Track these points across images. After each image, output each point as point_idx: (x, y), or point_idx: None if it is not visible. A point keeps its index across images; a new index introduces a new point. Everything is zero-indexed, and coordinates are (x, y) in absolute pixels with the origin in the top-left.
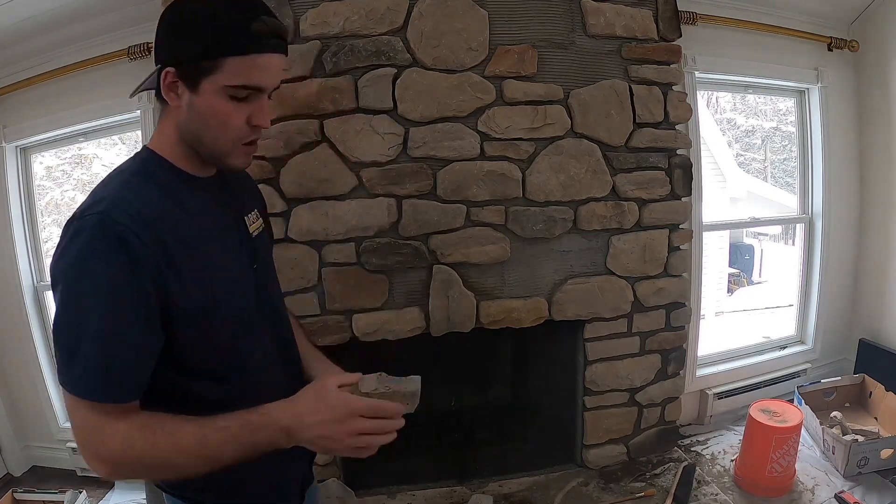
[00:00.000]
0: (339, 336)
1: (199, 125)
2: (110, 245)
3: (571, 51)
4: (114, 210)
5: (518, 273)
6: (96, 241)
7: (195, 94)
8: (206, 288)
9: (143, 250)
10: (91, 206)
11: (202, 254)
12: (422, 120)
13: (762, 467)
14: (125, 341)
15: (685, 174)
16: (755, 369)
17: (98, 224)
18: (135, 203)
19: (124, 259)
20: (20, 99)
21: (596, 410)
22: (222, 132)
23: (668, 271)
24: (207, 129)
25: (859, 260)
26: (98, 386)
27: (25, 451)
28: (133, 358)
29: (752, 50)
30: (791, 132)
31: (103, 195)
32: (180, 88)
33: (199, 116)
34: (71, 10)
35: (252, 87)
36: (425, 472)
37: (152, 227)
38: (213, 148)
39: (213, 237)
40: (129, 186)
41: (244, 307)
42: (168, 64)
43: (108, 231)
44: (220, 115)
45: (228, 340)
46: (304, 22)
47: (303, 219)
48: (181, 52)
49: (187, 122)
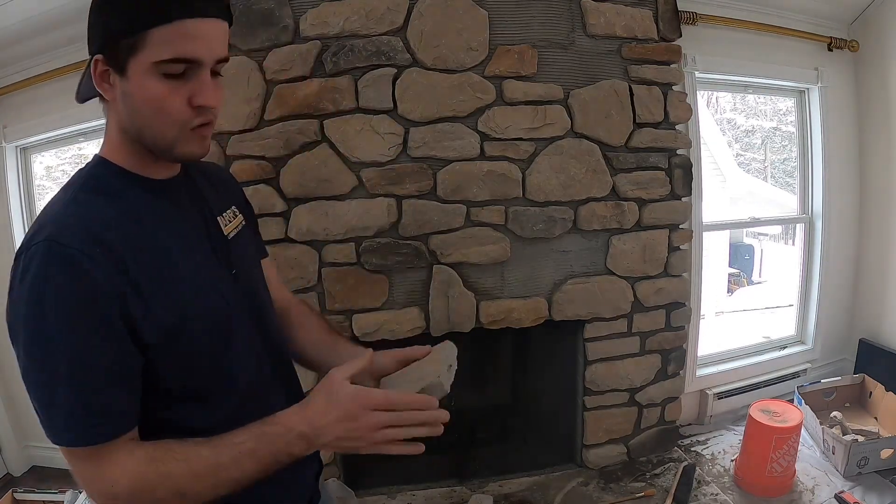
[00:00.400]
0: None
1: (136, 114)
2: (62, 272)
3: (571, 51)
4: (61, 234)
5: (518, 273)
6: (47, 273)
7: (125, 78)
8: (174, 306)
9: (98, 272)
10: (36, 235)
11: (167, 268)
12: (422, 120)
13: (762, 467)
14: (101, 374)
15: (685, 174)
16: (755, 369)
17: (46, 253)
18: (84, 221)
19: (80, 284)
20: (20, 99)
21: (596, 410)
22: (161, 118)
23: (668, 271)
24: (144, 117)
25: (859, 260)
26: (85, 430)
27: (25, 451)
28: (114, 387)
29: (752, 50)
30: (791, 132)
31: (47, 220)
32: (111, 76)
33: (134, 104)
34: (71, 11)
35: (185, 60)
36: (425, 472)
37: (106, 245)
38: (156, 138)
39: (179, 247)
40: (76, 204)
41: (221, 320)
42: (93, 53)
43: (58, 258)
44: (153, 98)
45: (207, 359)
46: (304, 22)
47: (303, 219)
48: (104, 34)
49: (125, 113)
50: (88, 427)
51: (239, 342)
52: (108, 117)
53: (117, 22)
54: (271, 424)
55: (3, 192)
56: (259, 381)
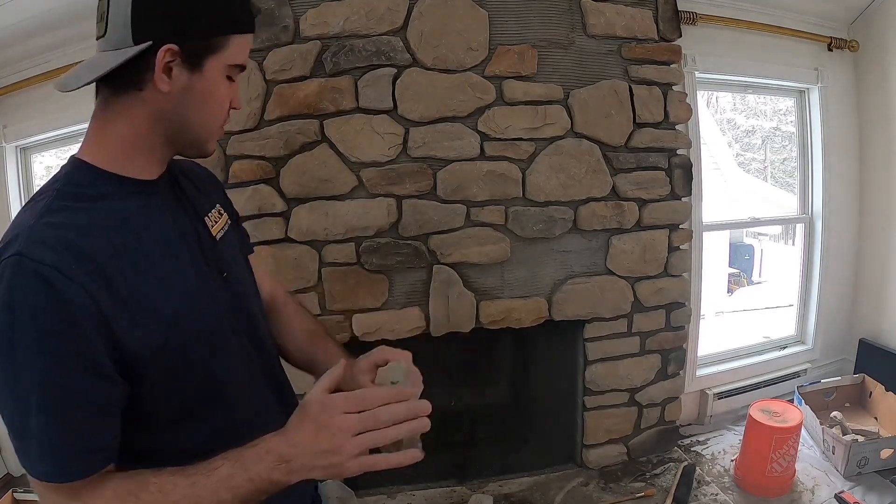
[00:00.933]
0: (339, 336)
1: (195, 109)
2: (33, 292)
3: (571, 51)
4: (31, 248)
5: (518, 273)
6: (16, 292)
7: (198, 74)
8: (162, 315)
9: (74, 290)
10: (6, 248)
11: (153, 276)
12: (422, 120)
13: (762, 467)
14: (78, 404)
15: (685, 174)
16: (755, 369)
17: (16, 269)
18: (58, 231)
19: (53, 305)
20: (20, 99)
21: (596, 410)
22: (216, 114)
23: (668, 271)
24: (202, 113)
25: (859, 260)
26: (59, 465)
27: None
28: (92, 420)
29: (752, 50)
30: (791, 132)
31: (16, 232)
32: (175, 70)
33: (199, 99)
34: (71, 11)
35: (242, 66)
36: (425, 472)
37: (83, 258)
38: (199, 133)
39: (166, 252)
40: (50, 213)
41: (212, 326)
42: (165, 41)
43: (29, 275)
44: (218, 96)
45: (199, 368)
46: (304, 22)
47: (303, 219)
48: (188, 28)
49: (178, 107)
50: (64, 462)
51: (230, 347)
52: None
53: (211, 22)
54: (250, 448)
55: (3, 192)
56: (252, 386)
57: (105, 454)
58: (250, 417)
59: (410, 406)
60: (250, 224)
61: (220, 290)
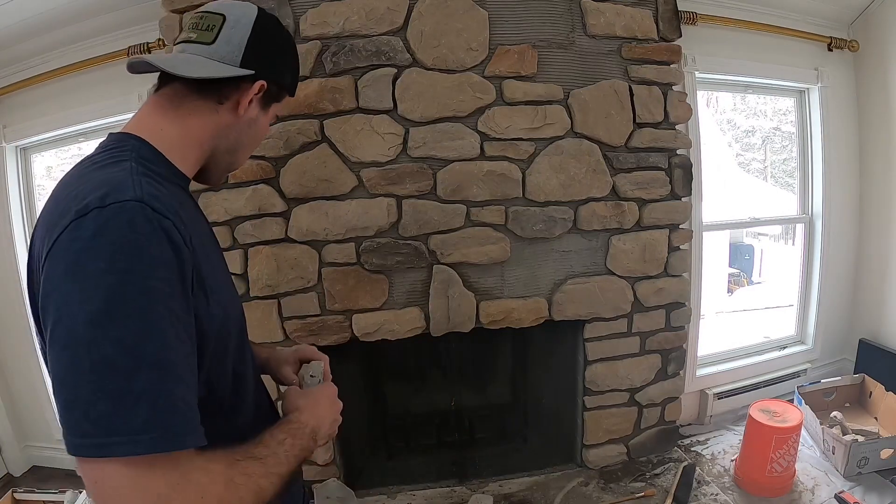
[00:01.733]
0: (339, 336)
1: (249, 140)
2: (159, 240)
3: (571, 51)
4: (151, 200)
5: (518, 273)
6: (139, 235)
7: (263, 113)
8: (221, 300)
9: (187, 254)
10: (111, 194)
11: (212, 265)
12: (422, 120)
13: (762, 467)
14: (187, 366)
15: (685, 174)
16: (755, 369)
17: (139, 213)
18: (164, 194)
19: (174, 259)
20: (20, 99)
21: (596, 410)
22: (254, 148)
23: (668, 271)
24: (251, 143)
25: (859, 260)
26: (178, 428)
27: (25, 451)
28: (195, 385)
29: (752, 50)
30: (791, 132)
31: (118, 183)
32: (254, 104)
33: (254, 131)
34: (71, 11)
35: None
36: (425, 472)
37: (185, 224)
38: (240, 158)
39: (211, 246)
40: (142, 175)
41: (241, 327)
42: (262, 77)
43: (153, 223)
44: (262, 136)
45: (231, 363)
46: (304, 22)
47: (303, 219)
48: (279, 76)
49: (240, 133)
50: (178, 425)
51: (245, 343)
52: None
53: (290, 76)
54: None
55: (3, 192)
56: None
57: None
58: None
59: None
60: (250, 224)
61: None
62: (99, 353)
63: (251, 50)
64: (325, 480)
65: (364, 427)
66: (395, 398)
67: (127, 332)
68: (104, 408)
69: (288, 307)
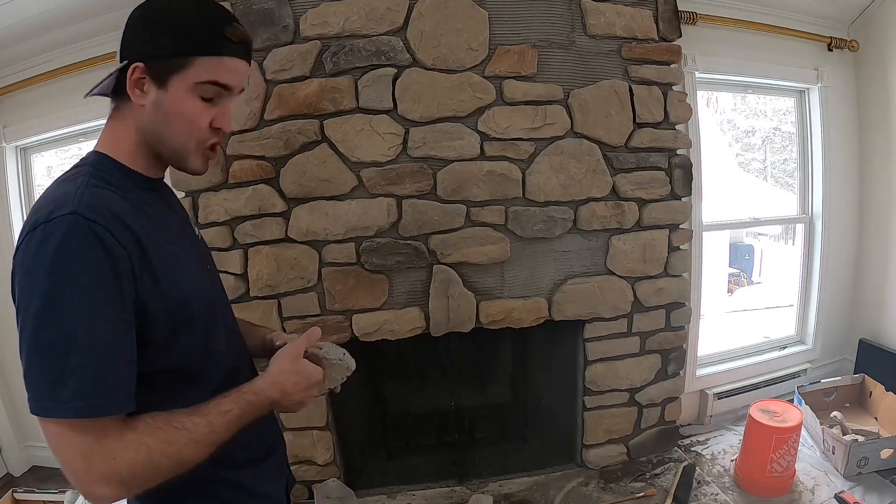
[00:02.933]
0: (339, 336)
1: (164, 123)
2: (89, 244)
3: (571, 51)
4: (85, 210)
5: (518, 273)
6: (73, 243)
7: (163, 90)
8: (178, 288)
9: (119, 250)
10: (55, 210)
11: (169, 256)
12: (422, 120)
13: (762, 467)
14: (115, 347)
15: (685, 174)
16: (755, 369)
17: (73, 224)
18: (104, 203)
19: (104, 258)
20: (20, 99)
21: (596, 410)
22: (186, 131)
23: (668, 271)
24: (171, 127)
25: (859, 260)
26: (98, 399)
27: (25, 451)
28: (124, 363)
29: (752, 50)
30: (791, 132)
31: (64, 199)
32: (147, 85)
33: (165, 114)
34: (71, 11)
35: (221, 85)
36: (425, 472)
37: (125, 227)
38: (175, 147)
39: (175, 240)
40: (92, 187)
41: (208, 306)
42: (136, 59)
43: (84, 231)
44: (186, 113)
45: (201, 340)
46: (304, 22)
47: (303, 219)
48: (152, 49)
49: (151, 120)
50: (105, 395)
51: (219, 327)
52: (119, 117)
53: (169, 41)
54: (251, 393)
55: (3, 192)
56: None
57: (131, 398)
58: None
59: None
60: (250, 224)
61: (208, 279)
62: (43, 337)
63: (124, 41)
64: (325, 480)
65: (364, 427)
66: (395, 398)
67: (63, 321)
68: (46, 380)
69: (288, 307)
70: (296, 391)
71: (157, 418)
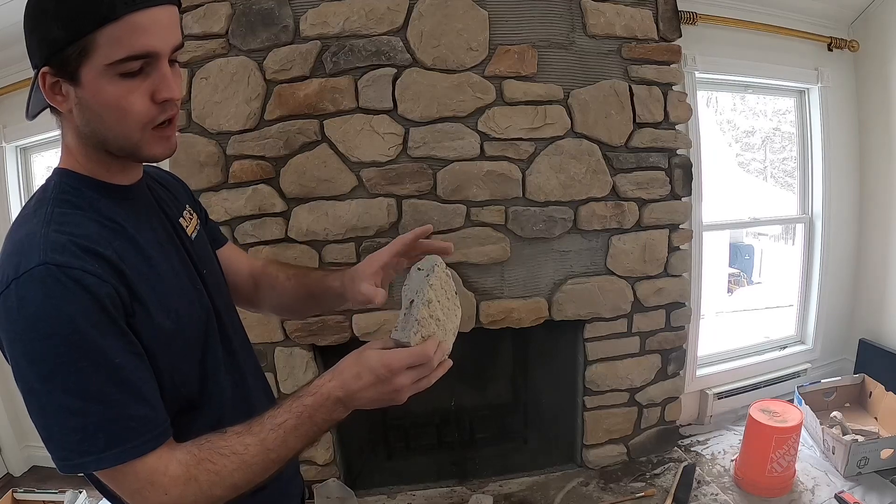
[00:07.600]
0: (339, 336)
1: (96, 121)
2: (70, 295)
3: (571, 51)
4: (54, 256)
5: (518, 273)
6: (52, 299)
7: (78, 86)
8: (167, 310)
9: (102, 287)
10: (23, 262)
11: (154, 274)
12: (422, 120)
13: (762, 467)
14: (131, 385)
15: (685, 174)
16: (755, 369)
17: (46, 276)
18: (72, 239)
19: (91, 302)
20: (20, 99)
21: (596, 410)
22: (123, 120)
23: (668, 271)
24: (105, 122)
25: (859, 260)
26: (133, 442)
27: (25, 451)
28: (146, 396)
29: (752, 50)
30: (791, 132)
31: (29, 245)
32: (63, 87)
33: (92, 110)
34: None
35: (141, 55)
36: (425, 472)
37: (101, 259)
38: (120, 141)
39: (158, 252)
40: (54, 222)
41: (204, 321)
42: (41, 64)
43: (60, 280)
44: (112, 101)
45: (196, 363)
46: (304, 22)
47: (303, 219)
48: (48, 46)
49: (83, 121)
50: (129, 439)
51: (217, 343)
52: (63, 128)
53: (59, 30)
54: (309, 396)
55: (3, 192)
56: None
57: (166, 428)
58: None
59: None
60: (250, 224)
61: (202, 288)
62: (55, 402)
63: (27, 50)
64: (325, 480)
65: (364, 427)
66: None
67: (69, 383)
68: (72, 440)
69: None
70: (359, 385)
71: (202, 448)
